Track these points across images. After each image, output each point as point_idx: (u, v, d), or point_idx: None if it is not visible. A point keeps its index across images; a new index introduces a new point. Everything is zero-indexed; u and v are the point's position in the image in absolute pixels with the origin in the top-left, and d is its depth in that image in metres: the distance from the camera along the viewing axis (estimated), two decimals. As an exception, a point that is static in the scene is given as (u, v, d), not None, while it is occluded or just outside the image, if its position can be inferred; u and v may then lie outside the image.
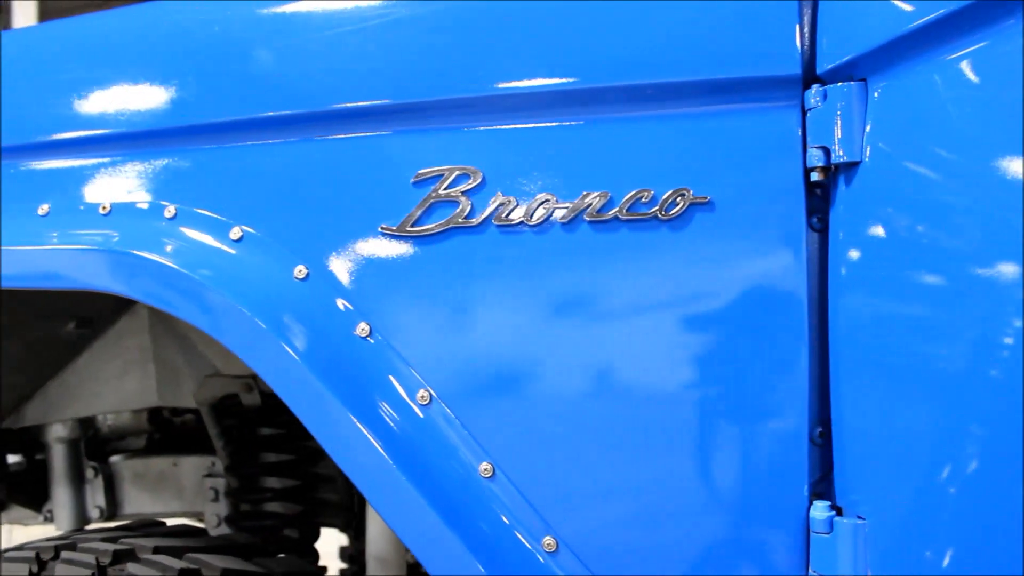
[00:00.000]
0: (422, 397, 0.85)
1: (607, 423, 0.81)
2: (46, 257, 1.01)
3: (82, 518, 1.71)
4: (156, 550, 1.03)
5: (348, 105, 0.89)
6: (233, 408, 1.46)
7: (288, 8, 0.92)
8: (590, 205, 0.81)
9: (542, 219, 0.82)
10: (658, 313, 0.80)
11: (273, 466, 1.49)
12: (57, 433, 1.67)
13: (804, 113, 0.78)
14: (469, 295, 0.85)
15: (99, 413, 1.67)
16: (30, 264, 1.02)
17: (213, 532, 1.52)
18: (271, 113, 0.91)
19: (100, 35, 1.03)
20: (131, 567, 0.98)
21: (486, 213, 0.84)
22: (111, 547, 1.02)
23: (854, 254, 0.74)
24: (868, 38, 0.71)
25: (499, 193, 0.84)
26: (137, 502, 1.73)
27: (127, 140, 0.98)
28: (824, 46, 0.76)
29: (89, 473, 1.71)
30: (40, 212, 1.03)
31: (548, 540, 0.82)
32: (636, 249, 0.80)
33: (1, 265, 1.03)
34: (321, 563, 1.55)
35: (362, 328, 0.88)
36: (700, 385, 0.79)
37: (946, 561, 0.68)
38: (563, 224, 0.82)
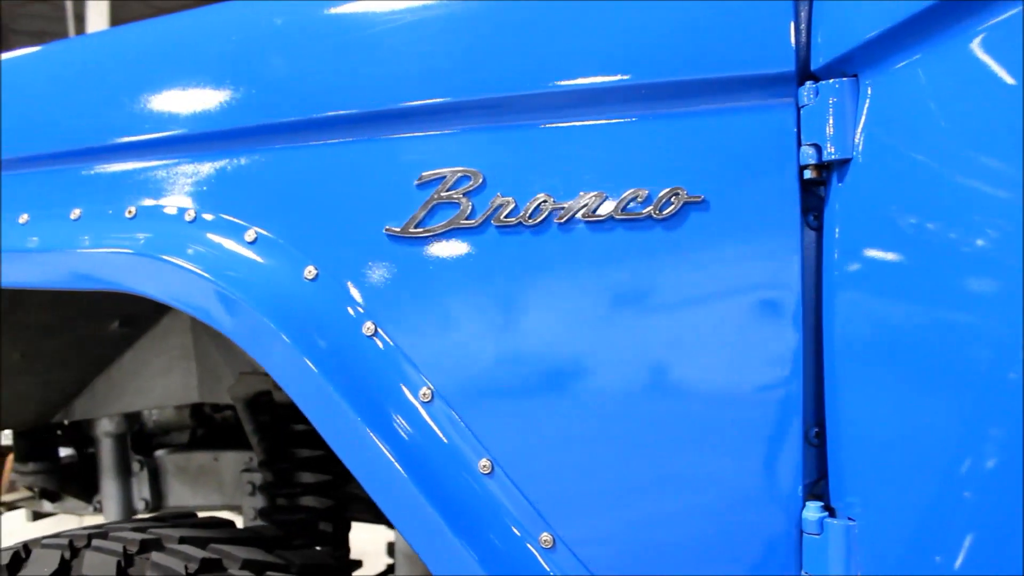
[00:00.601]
0: (424, 394, 0.87)
1: (603, 422, 0.81)
2: (77, 260, 1.06)
3: (129, 509, 1.78)
4: (181, 540, 1.07)
5: (353, 111, 0.91)
6: (266, 404, 1.51)
7: (292, 15, 0.95)
8: (586, 205, 0.82)
9: (540, 219, 0.83)
10: (653, 313, 0.80)
11: (305, 461, 1.53)
12: (105, 428, 1.75)
13: (799, 111, 0.77)
14: (469, 294, 0.87)
15: (144, 409, 1.74)
16: (63, 267, 1.07)
17: (248, 525, 1.57)
18: (280, 120, 0.94)
19: (123, 47, 1.08)
20: (155, 556, 1.02)
21: (486, 214, 0.85)
22: (139, 536, 1.06)
23: (848, 252, 0.73)
24: (859, 32, 0.71)
25: (498, 194, 0.85)
26: (180, 495, 1.80)
27: (151, 147, 1.03)
28: (818, 42, 0.76)
29: (135, 466, 1.78)
30: (72, 216, 1.08)
31: (545, 536, 0.83)
32: (631, 249, 0.81)
33: (36, 268, 1.09)
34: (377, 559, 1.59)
35: (368, 327, 0.90)
36: (695, 385, 0.79)
37: (938, 565, 0.67)
38: (560, 224, 0.83)
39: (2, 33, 18.65)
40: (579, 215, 0.82)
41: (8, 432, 1.77)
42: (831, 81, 0.74)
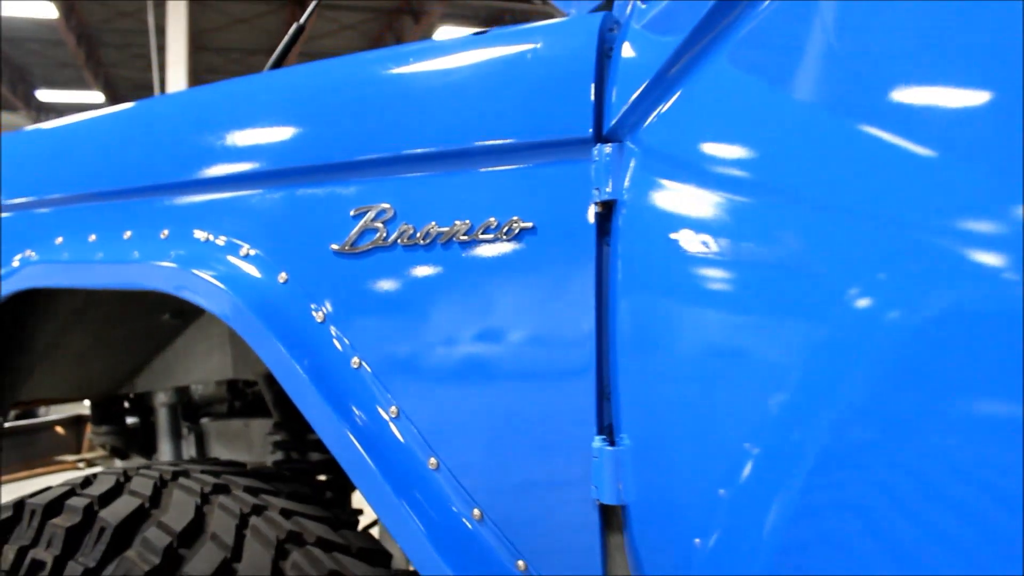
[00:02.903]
0: (354, 362, 1.24)
1: (471, 381, 1.17)
2: (128, 269, 1.47)
3: (180, 465, 2.21)
4: (202, 471, 1.47)
5: (310, 164, 1.29)
6: (280, 379, 1.90)
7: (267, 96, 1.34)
8: (458, 230, 1.18)
9: (429, 240, 1.20)
10: (501, 307, 1.16)
11: (312, 425, 1.92)
12: (161, 399, 2.18)
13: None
14: (385, 294, 1.23)
15: (191, 383, 2.16)
16: (118, 273, 1.48)
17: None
18: (261, 169, 1.33)
19: (152, 118, 1.49)
20: (182, 480, 1.42)
21: (395, 236, 1.22)
22: (172, 468, 1.47)
23: (623, 267, 1.08)
24: (615, 112, 1.05)
25: (404, 222, 1.22)
26: (219, 454, 2.21)
27: (177, 188, 1.43)
28: (604, 116, 1.10)
29: (185, 431, 2.21)
30: (125, 237, 1.49)
31: (432, 460, 1.19)
32: (489, 261, 1.16)
33: (101, 274, 1.50)
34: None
35: (319, 316, 1.28)
36: (527, 358, 1.14)
37: (673, 477, 1.01)
38: (442, 244, 1.19)
39: (92, 45, 19.66)
40: (454, 237, 1.18)
41: (86, 402, 2.22)
42: (604, 145, 1.08)
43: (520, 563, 1.15)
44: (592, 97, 1.11)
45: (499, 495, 1.16)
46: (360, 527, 1.84)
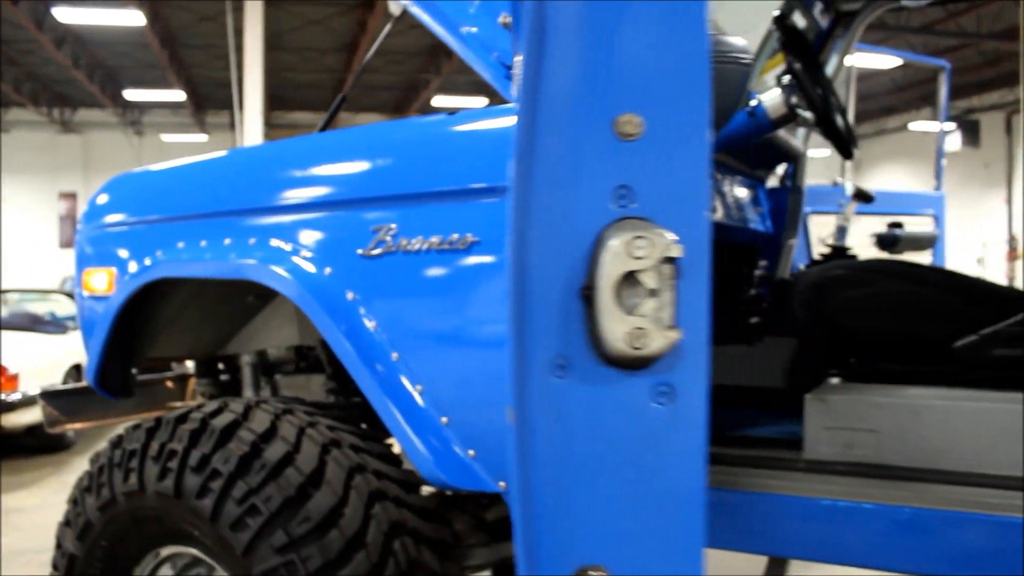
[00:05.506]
0: (371, 326, 1.93)
1: (440, 331, 1.85)
2: (228, 264, 2.19)
3: (260, 409, 2.94)
4: (276, 402, 2.19)
5: (344, 198, 1.99)
6: (331, 344, 2.61)
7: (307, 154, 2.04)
8: (434, 242, 1.85)
9: (417, 248, 1.87)
10: (459, 291, 1.83)
11: (355, 378, 2.62)
12: (245, 360, 2.91)
13: (515, 202, 1.77)
14: (390, 282, 1.92)
15: (267, 348, 2.89)
16: (221, 267, 2.21)
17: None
18: (309, 201, 2.03)
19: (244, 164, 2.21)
20: (262, 405, 2.13)
21: (398, 245, 1.90)
22: (256, 399, 2.19)
23: (531, 264, 1.73)
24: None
25: (402, 236, 1.90)
26: (288, 401, 2.94)
27: (258, 211, 2.14)
28: (522, 173, 1.76)
29: (263, 384, 2.94)
30: (225, 243, 2.21)
31: (419, 387, 1.87)
32: (452, 263, 1.83)
33: (208, 268, 2.22)
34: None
35: (351, 296, 1.97)
36: (471, 323, 1.81)
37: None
38: (424, 251, 1.87)
39: (175, 47, 20.83)
40: (431, 246, 1.85)
41: (190, 363, 2.99)
42: (520, 192, 1.74)
43: (471, 452, 1.83)
44: (514, 160, 1.77)
45: (458, 408, 1.84)
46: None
